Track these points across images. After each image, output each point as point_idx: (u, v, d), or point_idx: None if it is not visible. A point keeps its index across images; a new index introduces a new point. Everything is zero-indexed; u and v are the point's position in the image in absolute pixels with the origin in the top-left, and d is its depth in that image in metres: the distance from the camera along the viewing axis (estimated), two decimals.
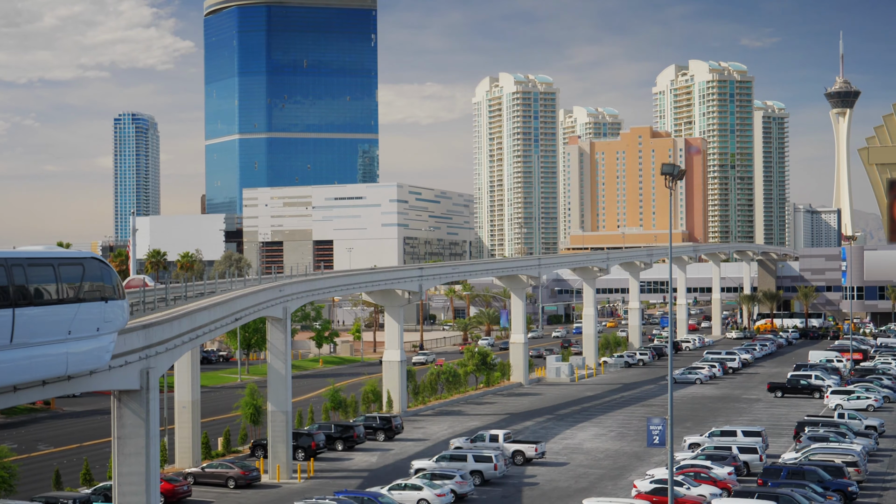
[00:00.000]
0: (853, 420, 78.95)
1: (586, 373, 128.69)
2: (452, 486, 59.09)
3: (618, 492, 60.54)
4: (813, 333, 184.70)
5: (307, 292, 79.34)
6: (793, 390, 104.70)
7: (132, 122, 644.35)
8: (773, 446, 74.09)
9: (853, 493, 56.98)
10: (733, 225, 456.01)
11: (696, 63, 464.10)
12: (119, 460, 39.90)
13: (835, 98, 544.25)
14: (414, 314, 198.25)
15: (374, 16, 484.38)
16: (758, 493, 53.27)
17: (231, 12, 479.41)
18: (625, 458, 72.73)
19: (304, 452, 72.41)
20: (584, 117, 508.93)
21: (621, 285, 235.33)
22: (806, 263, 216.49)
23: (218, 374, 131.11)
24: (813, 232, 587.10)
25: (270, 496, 62.60)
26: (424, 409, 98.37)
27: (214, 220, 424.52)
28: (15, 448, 75.11)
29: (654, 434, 51.35)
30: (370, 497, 55.00)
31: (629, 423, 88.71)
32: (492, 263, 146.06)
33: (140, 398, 39.78)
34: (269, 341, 70.79)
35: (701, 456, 65.20)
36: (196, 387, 71.43)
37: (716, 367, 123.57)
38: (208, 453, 72.78)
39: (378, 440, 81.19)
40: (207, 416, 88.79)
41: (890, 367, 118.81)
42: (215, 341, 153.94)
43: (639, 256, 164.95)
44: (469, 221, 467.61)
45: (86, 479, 62.88)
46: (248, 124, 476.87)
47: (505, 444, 71.47)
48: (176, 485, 60.28)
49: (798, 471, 58.23)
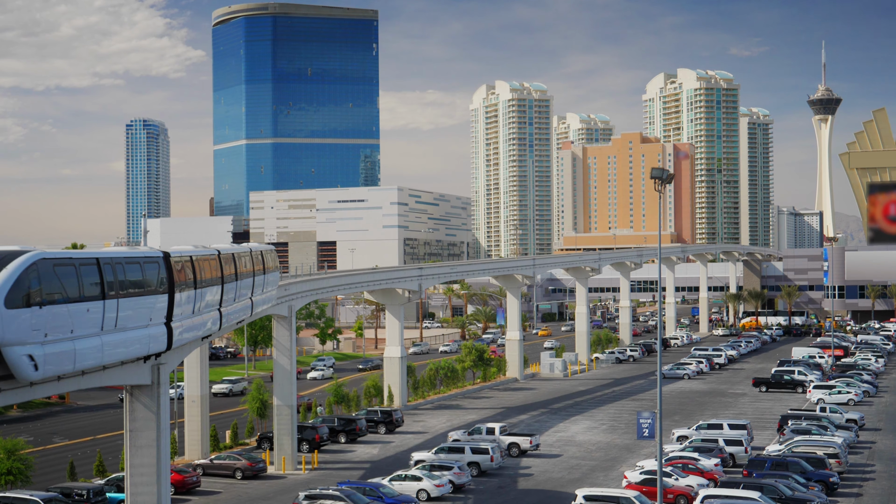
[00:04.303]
0: (834, 414, 78.99)
1: (579, 368, 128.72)
2: (451, 477, 59.10)
3: (609, 482, 60.57)
4: (796, 331, 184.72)
5: (311, 291, 79.33)
6: (777, 385, 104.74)
7: (143, 128, 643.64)
8: (758, 439, 74.14)
9: (834, 484, 57.03)
10: (720, 227, 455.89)
11: (685, 71, 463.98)
12: (131, 452, 39.89)
13: (817, 105, 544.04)
14: (414, 312, 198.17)
15: (376, 26, 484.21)
16: (743, 483, 53.34)
17: (238, 23, 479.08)
18: (616, 450, 72.76)
19: (308, 445, 72.42)
20: (576, 123, 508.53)
21: (612, 284, 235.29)
22: (789, 264, 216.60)
23: (226, 370, 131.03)
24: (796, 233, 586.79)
25: (276, 487, 62.61)
26: (424, 404, 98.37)
27: (222, 221, 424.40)
28: (31, 441, 75.17)
29: (644, 427, 51.40)
30: (372, 487, 55.02)
31: (620, 416, 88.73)
32: (488, 263, 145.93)
33: (151, 392, 39.76)
34: (275, 338, 70.79)
35: (689, 448, 65.23)
36: (205, 382, 71.45)
37: (703, 363, 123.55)
38: (217, 445, 72.83)
39: (379, 433, 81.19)
40: (216, 409, 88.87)
41: (870, 364, 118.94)
42: (223, 338, 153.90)
43: (629, 257, 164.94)
44: (467, 223, 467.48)
45: (99, 470, 62.91)
46: (255, 130, 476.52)
47: (501, 436, 71.49)
48: (185, 476, 60.27)
49: (782, 462, 58.30)
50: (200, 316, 41.98)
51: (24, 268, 28.33)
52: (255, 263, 51.76)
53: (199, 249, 42.89)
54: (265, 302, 56.28)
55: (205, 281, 41.90)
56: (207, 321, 43.27)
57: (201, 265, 41.70)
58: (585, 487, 56.28)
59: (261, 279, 53.06)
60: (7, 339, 27.39)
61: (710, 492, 51.02)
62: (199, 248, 43.22)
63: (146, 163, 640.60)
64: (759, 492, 50.77)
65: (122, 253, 35.18)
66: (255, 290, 51.79)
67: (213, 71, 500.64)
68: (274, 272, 57.76)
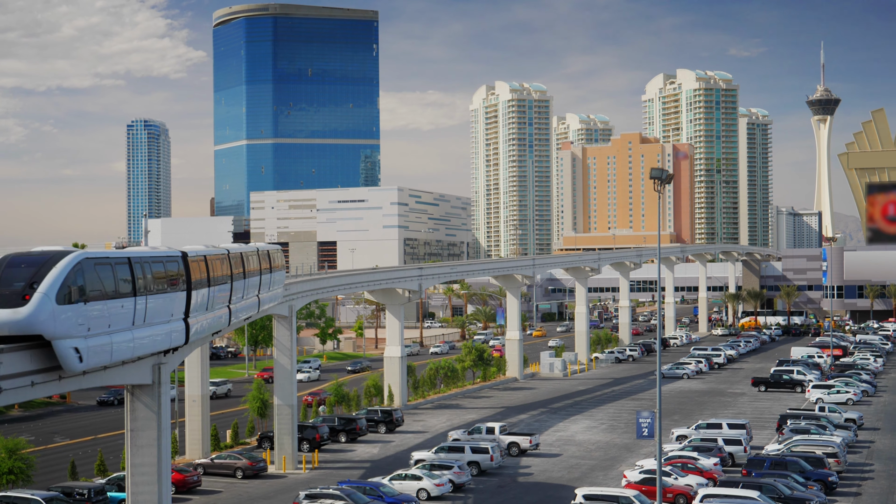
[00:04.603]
0: (833, 413, 78.97)
1: (578, 368, 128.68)
2: (451, 477, 59.08)
3: (608, 482, 60.55)
4: (795, 330, 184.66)
5: (311, 291, 79.31)
6: (776, 385, 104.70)
7: (144, 129, 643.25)
8: (757, 438, 74.13)
9: (833, 483, 57.02)
10: (719, 227, 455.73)
11: (684, 72, 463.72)
12: (132, 452, 39.89)
13: (816, 106, 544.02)
14: (414, 312, 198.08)
15: (376, 27, 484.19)
16: (742, 482, 53.31)
17: (239, 23, 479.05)
18: (615, 449, 72.73)
19: (308, 444, 72.40)
20: (576, 124, 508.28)
21: (612, 284, 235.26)
22: (788, 264, 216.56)
23: (226, 370, 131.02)
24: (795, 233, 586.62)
25: (276, 486, 62.58)
26: (424, 403, 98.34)
27: (223, 221, 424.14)
28: (32, 440, 75.15)
29: (643, 426, 51.36)
30: (372, 487, 54.99)
31: (619, 416, 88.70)
32: (488, 263, 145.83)
33: (152, 392, 39.75)
34: (276, 338, 70.76)
35: (688, 447, 65.21)
36: (206, 381, 71.43)
37: (702, 363, 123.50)
38: (217, 445, 72.80)
39: (379, 432, 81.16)
40: (216, 409, 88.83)
41: (868, 363, 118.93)
42: (224, 338, 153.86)
43: (629, 257, 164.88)
44: (466, 223, 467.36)
45: (100, 469, 62.89)
46: (256, 130, 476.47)
47: (501, 436, 71.46)
48: (186, 475, 60.24)
49: (780, 461, 58.28)
50: (213, 312, 44.03)
51: (72, 266, 30.78)
52: (262, 262, 53.95)
53: (211, 249, 44.85)
54: (272, 300, 58.33)
55: (217, 279, 44.13)
56: (220, 317, 45.31)
57: (214, 264, 43.81)
58: (585, 487, 56.25)
59: (267, 277, 55.43)
60: (58, 332, 29.83)
61: (710, 491, 50.99)
62: (210, 248, 44.99)
63: (147, 163, 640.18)
64: (758, 491, 50.75)
65: (148, 252, 37.44)
66: (261, 287, 54.09)
67: (214, 71, 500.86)
68: (280, 271, 59.80)
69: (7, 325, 29.32)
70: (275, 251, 58.61)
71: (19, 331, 29.45)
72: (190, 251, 41.31)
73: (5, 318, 29.32)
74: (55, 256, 30.99)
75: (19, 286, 29.81)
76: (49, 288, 29.70)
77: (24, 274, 30.19)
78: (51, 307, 29.57)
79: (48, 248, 31.72)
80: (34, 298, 29.51)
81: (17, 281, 29.99)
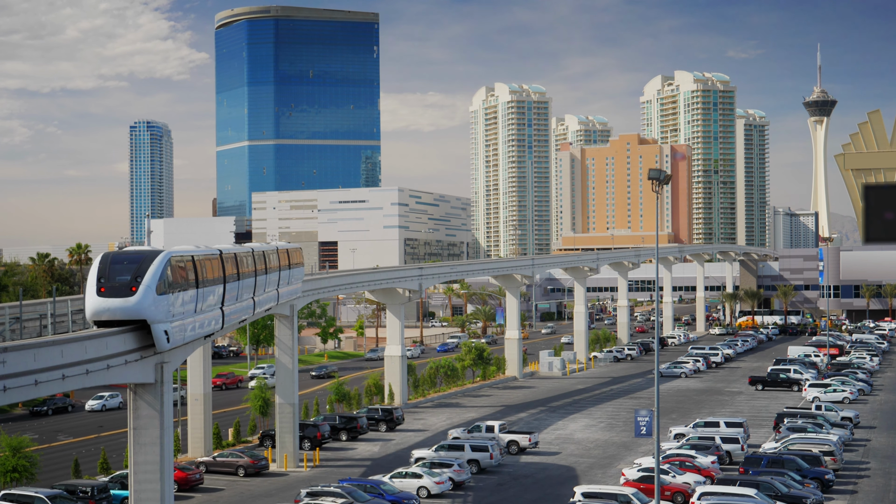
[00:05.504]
0: (830, 412, 79.00)
1: (577, 367, 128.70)
2: (451, 475, 59.14)
3: (607, 479, 60.59)
4: (792, 330, 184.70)
5: (313, 291, 79.33)
6: (773, 383, 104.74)
7: (147, 130, 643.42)
8: (754, 436, 74.16)
9: (830, 481, 57.06)
10: (716, 227, 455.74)
11: (682, 74, 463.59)
12: (135, 450, 39.91)
13: (813, 107, 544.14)
14: (414, 312, 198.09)
15: (377, 29, 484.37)
16: (739, 480, 53.37)
17: (241, 25, 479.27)
18: (614, 447, 72.76)
19: (310, 442, 72.43)
20: (575, 125, 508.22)
21: (610, 284, 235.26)
22: (785, 263, 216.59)
23: (228, 369, 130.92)
24: (792, 233, 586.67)
25: (278, 484, 62.61)
26: (424, 402, 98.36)
27: (225, 222, 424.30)
28: (36, 438, 75.14)
29: (642, 425, 51.39)
30: (373, 485, 55.03)
31: (618, 414, 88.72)
32: (488, 263, 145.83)
33: (154, 391, 39.78)
34: (277, 337, 70.78)
35: (686, 446, 65.24)
36: (208, 380, 71.45)
37: (700, 362, 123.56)
38: (219, 443, 72.81)
39: (380, 431, 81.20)
40: (218, 408, 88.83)
41: (864, 362, 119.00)
42: (226, 337, 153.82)
43: (627, 257, 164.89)
44: (466, 224, 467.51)
45: (103, 467, 62.88)
46: (257, 132, 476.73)
47: (500, 434, 71.48)
48: (189, 473, 60.30)
49: (777, 460, 58.31)
50: (241, 302, 49.67)
51: (165, 262, 37.25)
52: (280, 260, 59.44)
53: (237, 247, 50.98)
54: (290, 294, 64.42)
55: (244, 274, 49.60)
56: (246, 307, 50.79)
57: (241, 260, 49.39)
58: (584, 485, 56.33)
59: (286, 273, 61.17)
60: (156, 317, 36.60)
61: (707, 489, 51.05)
62: (236, 246, 50.98)
63: (150, 164, 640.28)
64: (755, 489, 50.80)
65: (202, 251, 43.26)
66: (280, 282, 59.72)
67: (216, 73, 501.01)
68: (299, 267, 65.51)
69: (120, 310, 35.77)
70: (294, 249, 64.24)
71: (128, 316, 35.87)
72: (224, 249, 46.78)
73: (118, 306, 35.68)
74: (150, 255, 37.12)
75: (125, 279, 36.01)
76: (151, 281, 36.17)
77: (127, 270, 36.28)
78: (152, 297, 36.06)
79: (141, 248, 38.02)
80: (140, 290, 35.88)
81: (123, 275, 36.12)
